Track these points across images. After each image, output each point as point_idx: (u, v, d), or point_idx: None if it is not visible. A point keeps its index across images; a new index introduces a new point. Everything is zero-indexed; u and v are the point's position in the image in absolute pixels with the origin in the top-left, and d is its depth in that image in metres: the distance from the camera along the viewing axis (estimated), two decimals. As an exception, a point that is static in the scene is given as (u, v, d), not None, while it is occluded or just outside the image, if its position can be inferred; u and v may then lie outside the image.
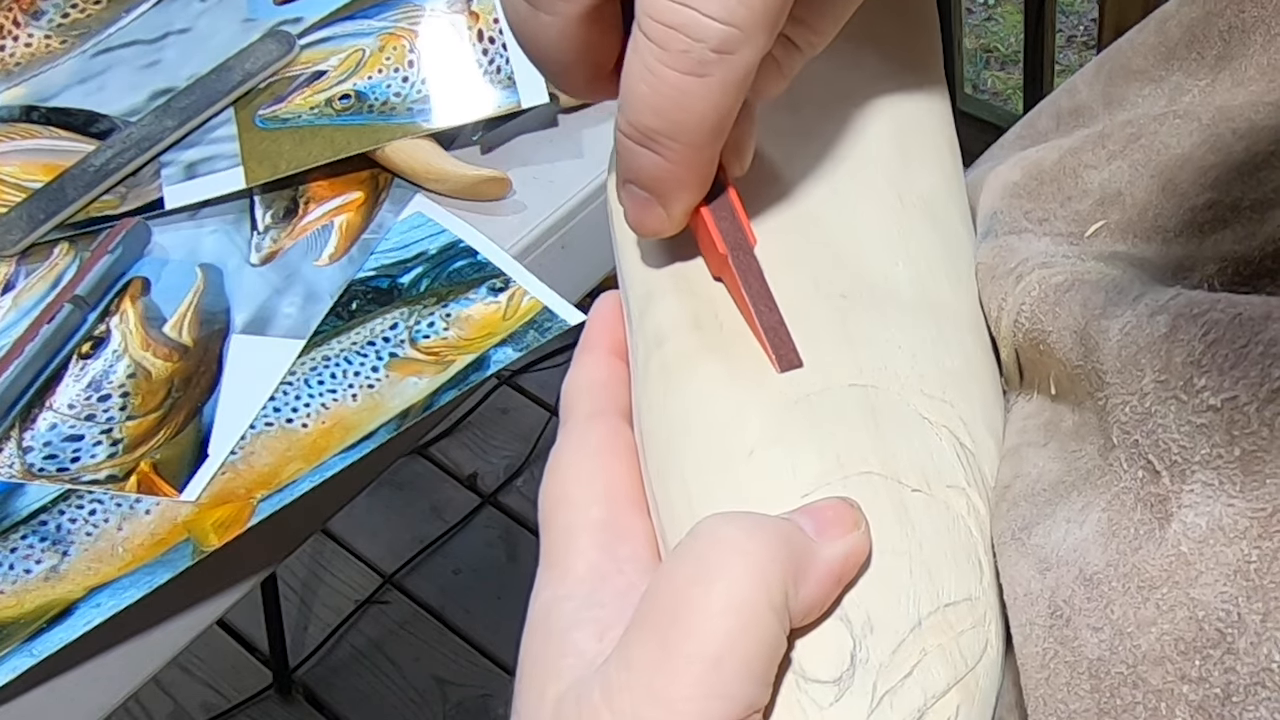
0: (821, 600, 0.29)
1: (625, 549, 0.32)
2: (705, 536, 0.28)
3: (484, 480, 1.63)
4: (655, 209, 0.32)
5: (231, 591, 0.60)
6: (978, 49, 1.97)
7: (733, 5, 0.27)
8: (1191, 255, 0.34)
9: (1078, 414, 0.31)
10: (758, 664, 0.27)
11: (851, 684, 0.28)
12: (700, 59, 0.28)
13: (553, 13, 0.30)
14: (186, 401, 0.62)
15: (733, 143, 0.31)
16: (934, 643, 0.29)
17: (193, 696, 1.49)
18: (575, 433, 0.34)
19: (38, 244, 0.69)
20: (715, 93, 0.28)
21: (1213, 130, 0.35)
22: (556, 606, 0.31)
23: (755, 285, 0.32)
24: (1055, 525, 0.29)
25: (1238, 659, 0.24)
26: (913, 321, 0.34)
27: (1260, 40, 0.36)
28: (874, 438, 0.31)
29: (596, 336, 0.36)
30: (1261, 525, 0.25)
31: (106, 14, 0.80)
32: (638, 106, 0.29)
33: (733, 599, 0.27)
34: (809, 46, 0.32)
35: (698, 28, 0.27)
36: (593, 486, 0.33)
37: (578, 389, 0.35)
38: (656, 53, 0.28)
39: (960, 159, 0.39)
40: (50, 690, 0.56)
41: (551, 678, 0.30)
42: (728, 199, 0.32)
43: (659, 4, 0.28)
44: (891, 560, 0.30)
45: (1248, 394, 0.25)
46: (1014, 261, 0.34)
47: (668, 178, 0.30)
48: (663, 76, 0.28)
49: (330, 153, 0.69)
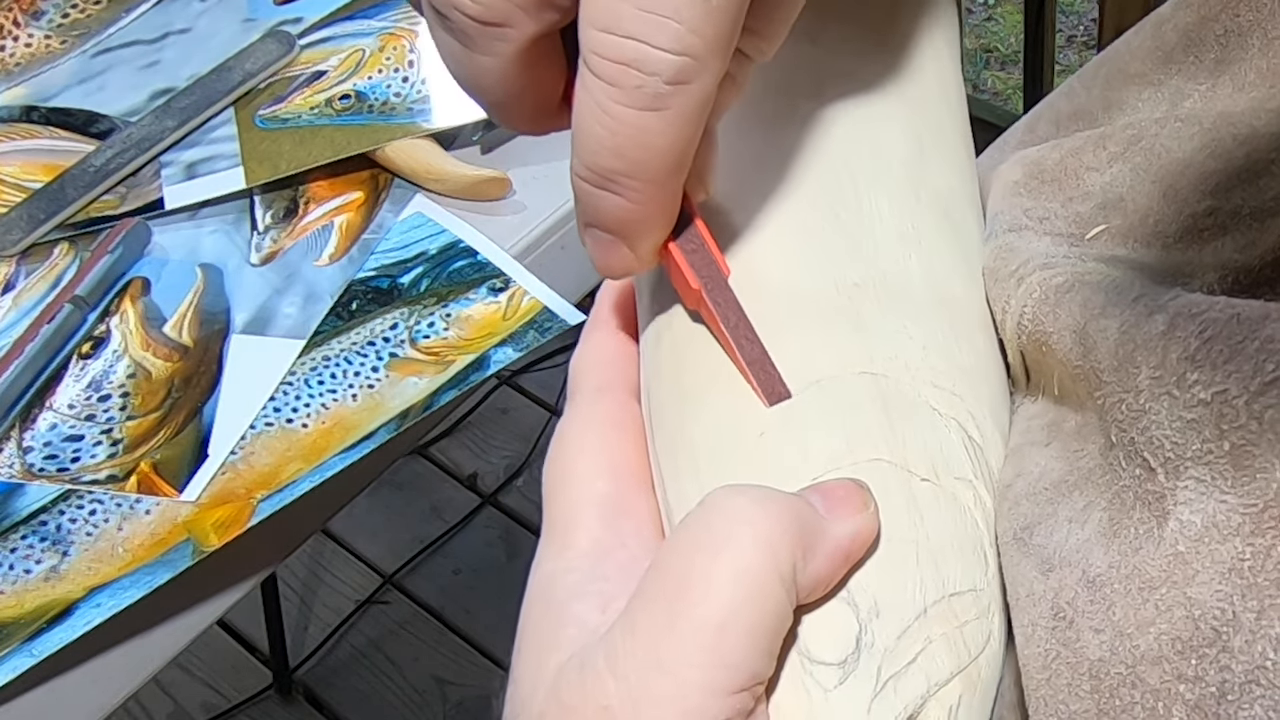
0: (829, 577, 0.28)
1: (629, 524, 0.32)
2: (714, 507, 0.28)
3: (484, 480, 1.63)
4: (622, 250, 0.30)
5: (231, 591, 0.60)
6: (978, 49, 1.98)
7: (682, 34, 0.26)
8: (1191, 262, 0.34)
9: (1080, 415, 0.31)
10: (763, 634, 0.27)
11: (856, 667, 0.28)
12: (655, 93, 0.26)
13: (489, 53, 0.28)
14: (186, 401, 0.62)
15: (695, 170, 0.30)
16: (939, 631, 0.29)
17: (193, 696, 1.49)
18: (582, 407, 0.34)
19: (38, 244, 0.69)
20: (675, 126, 0.27)
21: (1214, 135, 0.35)
22: (559, 578, 0.31)
23: (733, 318, 0.31)
24: (1057, 525, 0.29)
25: (1233, 657, 0.24)
26: (925, 315, 0.34)
27: (1258, 44, 0.36)
28: (884, 426, 0.31)
29: (606, 313, 0.36)
30: (1253, 522, 0.25)
31: (106, 14, 0.80)
32: (593, 148, 0.28)
33: (740, 567, 0.27)
34: (760, 54, 0.30)
35: (649, 61, 0.26)
36: (598, 461, 0.33)
37: (586, 364, 0.35)
38: (609, 91, 0.26)
39: (974, 157, 0.39)
40: (50, 690, 0.56)
41: (552, 648, 0.29)
42: (695, 230, 0.31)
43: (605, 40, 0.26)
44: (899, 547, 0.30)
45: (1238, 387, 0.25)
46: (1015, 264, 0.34)
47: (632, 218, 0.29)
48: (617, 115, 0.27)
49: (330, 153, 0.69)
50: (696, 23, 0.26)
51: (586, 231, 0.30)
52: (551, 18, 0.28)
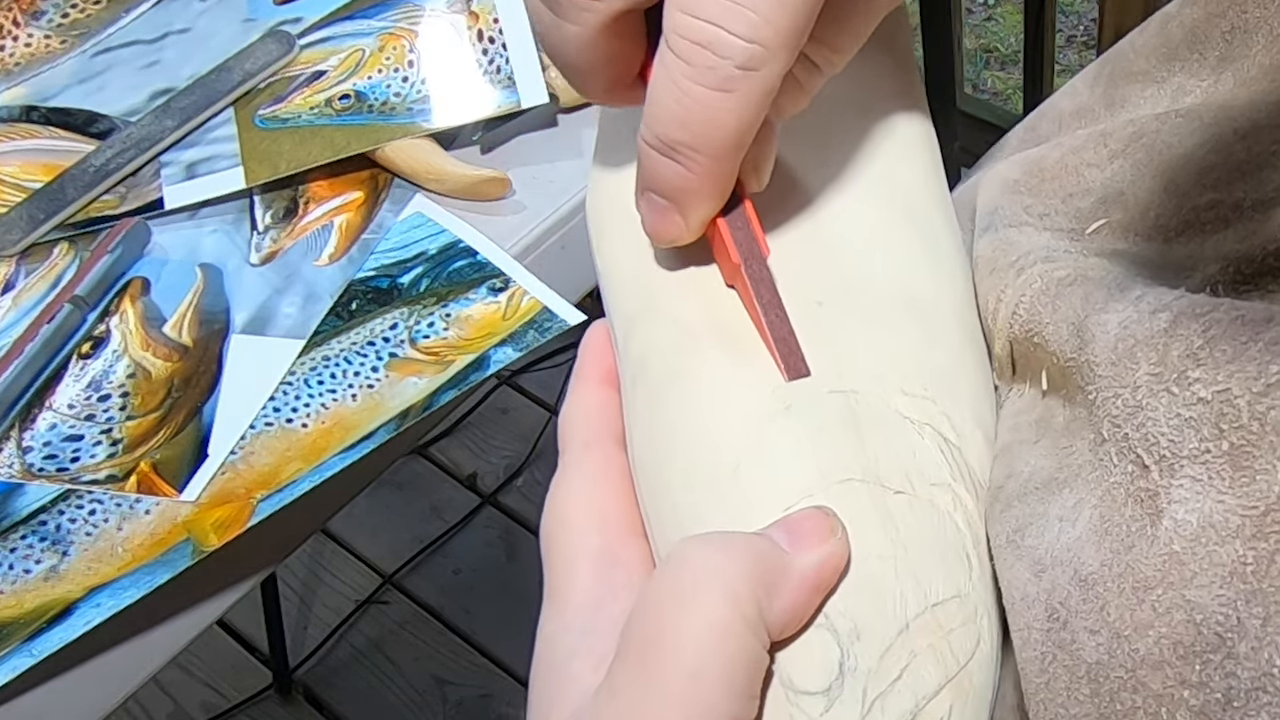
0: (800, 611, 0.29)
1: (620, 575, 0.33)
2: (676, 561, 0.29)
3: (484, 480, 1.63)
4: (674, 217, 0.32)
5: (231, 591, 0.60)
6: (978, 49, 1.97)
7: (758, 24, 0.28)
8: (1193, 255, 0.33)
9: (1069, 409, 0.31)
10: (739, 678, 0.28)
11: (841, 693, 0.28)
12: (726, 75, 0.29)
13: (576, 22, 0.31)
14: (186, 401, 0.62)
15: (752, 159, 0.32)
16: (923, 643, 0.29)
17: (193, 696, 1.49)
18: (571, 463, 0.35)
19: (38, 244, 0.69)
20: (739, 107, 0.29)
21: (1215, 130, 0.35)
22: (558, 638, 0.32)
23: (767, 295, 0.33)
24: (1049, 525, 0.29)
25: (1238, 664, 0.24)
26: (892, 319, 0.34)
27: (1263, 41, 0.36)
28: (855, 444, 0.31)
29: (587, 366, 0.37)
30: (1255, 525, 0.24)
31: (106, 14, 0.79)
32: (663, 119, 0.30)
33: (706, 617, 0.28)
34: (829, 66, 0.33)
35: (724, 45, 0.28)
36: (589, 515, 0.34)
37: (572, 420, 0.36)
38: (683, 68, 0.29)
39: (940, 159, 0.39)
40: (50, 690, 0.56)
41: (555, 710, 0.30)
42: (744, 211, 0.33)
43: (687, 21, 0.28)
44: (876, 565, 0.30)
45: (1240, 387, 0.25)
46: (1015, 255, 0.34)
47: (688, 188, 0.31)
48: (689, 91, 0.29)
49: (330, 153, 0.69)
50: (771, 15, 0.28)
51: (644, 195, 0.32)
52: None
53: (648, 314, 0.35)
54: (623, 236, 0.37)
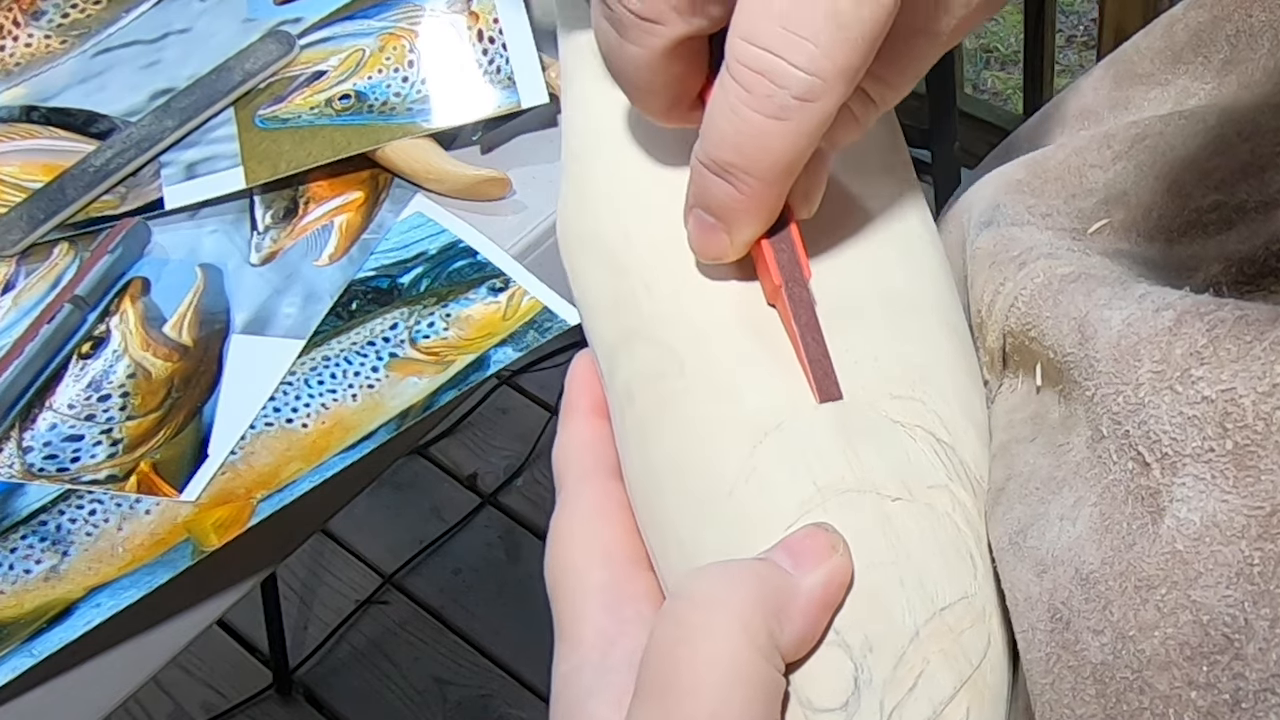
0: (811, 631, 0.29)
1: (630, 609, 0.32)
2: (682, 596, 0.29)
3: (484, 480, 1.63)
4: (720, 235, 0.33)
5: (231, 591, 0.60)
6: (978, 49, 1.97)
7: (818, 56, 0.28)
8: (1196, 255, 0.33)
9: (1064, 405, 0.31)
10: (758, 708, 0.27)
11: (859, 707, 0.28)
12: (782, 104, 0.29)
13: (640, 45, 0.31)
14: (186, 401, 0.62)
15: (802, 186, 0.33)
16: (935, 649, 0.29)
17: (193, 696, 1.49)
18: (569, 499, 0.35)
19: (38, 244, 0.69)
20: (792, 136, 0.30)
21: (1218, 132, 0.35)
22: (573, 678, 0.32)
23: (805, 318, 0.33)
24: (1049, 524, 0.29)
25: (1246, 665, 0.24)
26: (871, 322, 0.34)
27: (1268, 44, 0.36)
28: (848, 455, 0.31)
29: (575, 399, 0.37)
30: (1261, 525, 0.24)
31: (106, 14, 0.79)
32: (718, 141, 0.31)
33: (720, 653, 0.28)
34: (884, 101, 0.33)
35: (783, 75, 0.29)
36: (592, 551, 0.34)
37: (565, 454, 0.36)
38: (742, 95, 0.29)
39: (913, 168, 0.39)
40: (50, 690, 0.56)
41: None
42: (789, 234, 0.33)
43: (749, 50, 0.29)
44: (880, 575, 0.30)
45: (1245, 386, 0.25)
46: (1017, 250, 0.34)
47: (737, 208, 0.32)
48: (745, 117, 0.30)
49: (330, 153, 0.69)
50: (830, 48, 0.28)
51: (692, 212, 0.33)
52: (701, 23, 0.31)
53: (627, 346, 0.35)
54: (597, 263, 0.36)
